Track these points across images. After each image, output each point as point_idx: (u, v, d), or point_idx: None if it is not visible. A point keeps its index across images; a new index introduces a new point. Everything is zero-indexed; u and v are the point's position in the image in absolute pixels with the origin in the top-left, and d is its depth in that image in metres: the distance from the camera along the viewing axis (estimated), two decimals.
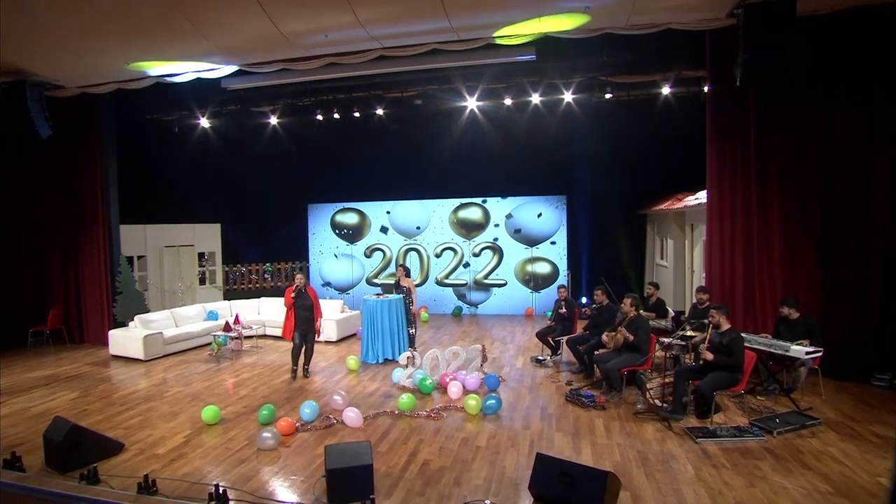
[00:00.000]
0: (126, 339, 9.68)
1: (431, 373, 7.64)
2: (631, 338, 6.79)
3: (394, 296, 9.28)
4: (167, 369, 8.96)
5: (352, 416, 6.15)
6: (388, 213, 14.44)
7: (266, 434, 5.55)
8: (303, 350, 8.19)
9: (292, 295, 7.99)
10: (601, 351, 7.50)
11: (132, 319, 10.23)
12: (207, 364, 9.23)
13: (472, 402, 6.49)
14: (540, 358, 8.87)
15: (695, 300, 8.13)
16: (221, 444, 5.78)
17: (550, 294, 13.33)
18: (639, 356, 6.88)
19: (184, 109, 12.55)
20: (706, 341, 6.17)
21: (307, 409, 6.29)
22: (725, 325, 6.16)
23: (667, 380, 6.73)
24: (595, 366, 7.67)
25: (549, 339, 8.84)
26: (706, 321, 6.36)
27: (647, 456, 5.28)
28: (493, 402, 6.52)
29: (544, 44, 8.67)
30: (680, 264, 12.47)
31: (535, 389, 7.52)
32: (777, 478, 4.74)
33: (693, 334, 7.09)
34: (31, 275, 11.21)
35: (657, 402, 6.51)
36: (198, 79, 9.76)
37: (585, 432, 5.93)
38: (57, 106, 10.14)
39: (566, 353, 8.71)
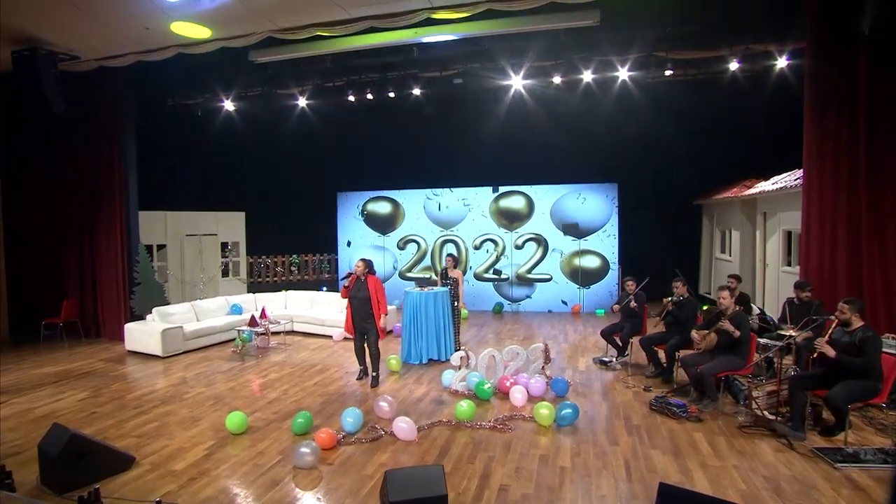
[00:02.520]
0: (143, 334, 8.83)
1: (487, 375, 6.64)
2: (737, 333, 5.71)
3: (439, 288, 8.26)
4: (187, 367, 8.08)
5: (403, 426, 5.15)
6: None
7: (304, 449, 4.55)
8: (366, 351, 7.06)
9: (344, 284, 6.92)
10: (687, 352, 6.43)
11: (150, 312, 9.40)
12: (231, 362, 8.32)
13: (545, 411, 5.44)
14: (605, 359, 7.80)
15: (792, 296, 7.01)
16: (250, 458, 4.83)
17: (600, 289, 12.26)
18: (738, 359, 5.81)
19: (207, 91, 11.78)
20: (827, 336, 5.08)
21: (349, 418, 5.31)
22: (858, 323, 5.04)
23: (781, 387, 5.61)
24: (676, 369, 6.63)
25: (616, 339, 7.78)
26: (831, 316, 5.25)
27: (778, 484, 4.21)
28: (568, 411, 5.47)
29: (605, 7, 7.66)
30: (748, 258, 11.27)
31: (608, 396, 6.45)
32: None
33: (794, 334, 6.00)
34: (45, 263, 10.41)
35: (766, 413, 5.42)
36: (222, 51, 8.87)
37: (688, 451, 4.86)
38: (73, 81, 9.32)
39: (634, 354, 7.64)
